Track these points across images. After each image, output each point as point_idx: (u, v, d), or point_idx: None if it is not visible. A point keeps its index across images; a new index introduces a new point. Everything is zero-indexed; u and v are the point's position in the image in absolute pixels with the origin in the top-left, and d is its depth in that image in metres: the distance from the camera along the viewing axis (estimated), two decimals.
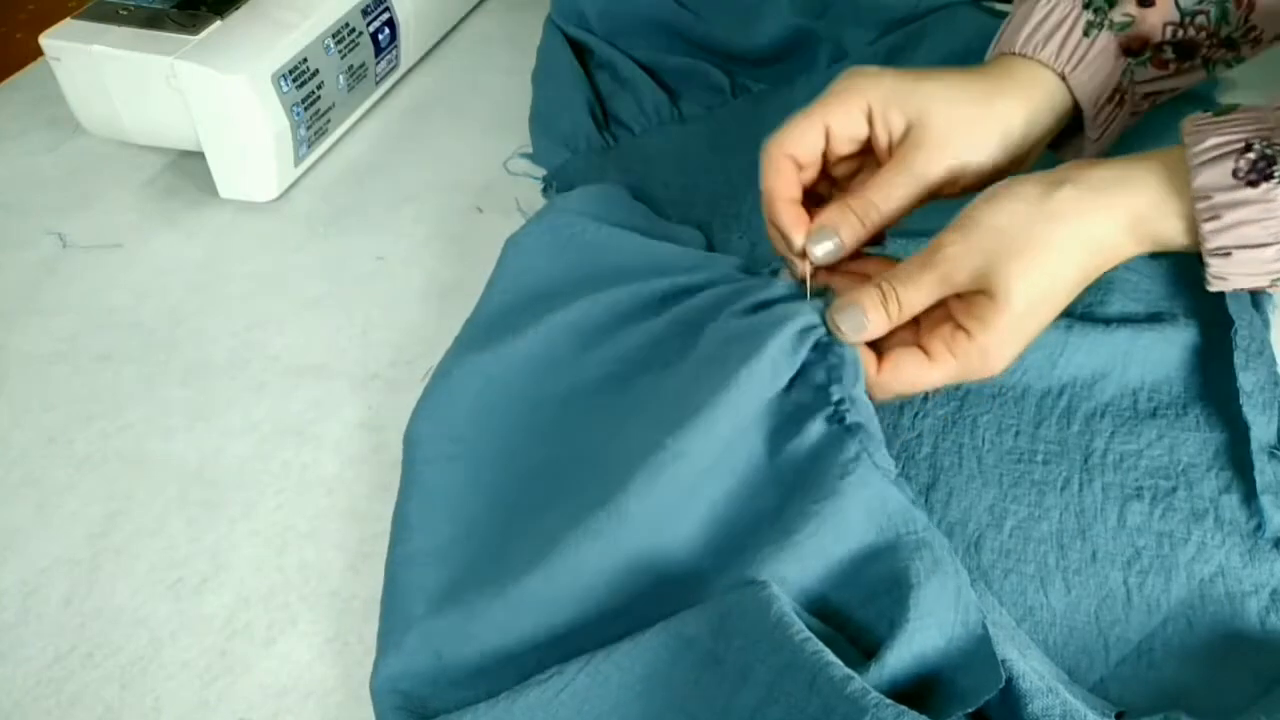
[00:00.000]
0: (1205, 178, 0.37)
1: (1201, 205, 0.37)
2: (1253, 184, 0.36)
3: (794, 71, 0.69)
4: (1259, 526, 0.41)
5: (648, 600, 0.38)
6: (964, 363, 0.39)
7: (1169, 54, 0.46)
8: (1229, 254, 0.37)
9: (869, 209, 0.42)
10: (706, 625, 0.35)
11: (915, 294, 0.39)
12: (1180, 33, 0.46)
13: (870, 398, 0.41)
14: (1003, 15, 0.71)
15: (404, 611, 0.39)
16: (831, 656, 0.32)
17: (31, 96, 0.72)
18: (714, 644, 0.34)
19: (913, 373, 0.40)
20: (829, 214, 0.43)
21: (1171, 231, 0.38)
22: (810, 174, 0.45)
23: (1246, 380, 0.44)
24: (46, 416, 0.50)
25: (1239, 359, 0.45)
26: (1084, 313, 0.48)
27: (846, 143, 0.44)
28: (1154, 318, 0.48)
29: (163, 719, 0.39)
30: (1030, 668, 0.33)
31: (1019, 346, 0.39)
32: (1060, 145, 0.49)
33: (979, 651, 0.35)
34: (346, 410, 0.50)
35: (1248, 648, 0.37)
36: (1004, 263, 0.38)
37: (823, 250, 0.42)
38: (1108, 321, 0.47)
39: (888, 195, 0.42)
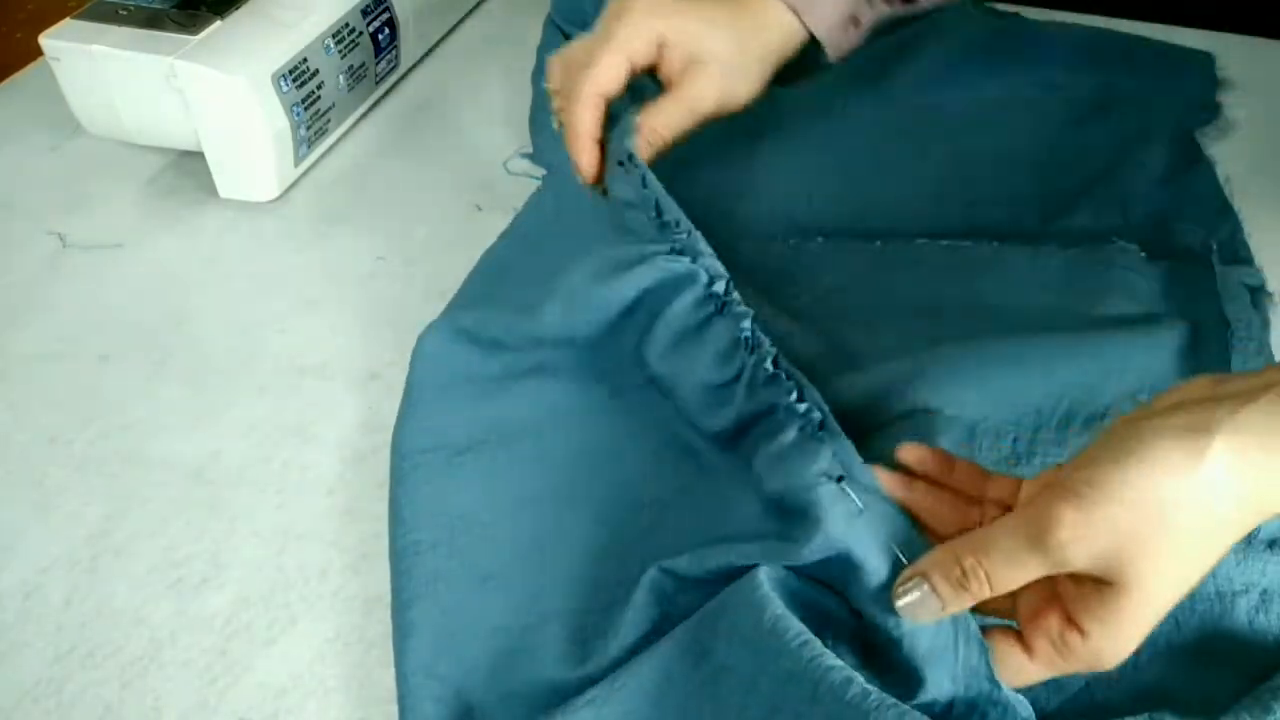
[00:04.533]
0: None
1: None
2: None
3: (794, 72, 0.68)
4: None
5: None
6: (1072, 663, 0.32)
7: None
8: None
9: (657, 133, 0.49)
10: (720, 635, 0.35)
11: (1012, 574, 0.31)
12: None
13: None
14: (1003, 15, 0.71)
15: (417, 602, 0.40)
16: (831, 660, 0.32)
17: (31, 96, 0.72)
18: (727, 654, 0.34)
19: (1009, 673, 0.33)
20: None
21: None
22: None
23: None
24: (46, 416, 0.50)
25: (1237, 360, 0.45)
26: (1082, 316, 0.48)
27: (636, 71, 0.49)
28: (1152, 319, 0.48)
29: (163, 719, 0.39)
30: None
31: (1138, 642, 0.32)
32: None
33: (992, 695, 0.33)
34: (346, 410, 0.50)
35: (1234, 647, 0.37)
36: (1142, 549, 0.30)
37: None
38: (1107, 324, 0.47)
39: (667, 123, 0.49)
